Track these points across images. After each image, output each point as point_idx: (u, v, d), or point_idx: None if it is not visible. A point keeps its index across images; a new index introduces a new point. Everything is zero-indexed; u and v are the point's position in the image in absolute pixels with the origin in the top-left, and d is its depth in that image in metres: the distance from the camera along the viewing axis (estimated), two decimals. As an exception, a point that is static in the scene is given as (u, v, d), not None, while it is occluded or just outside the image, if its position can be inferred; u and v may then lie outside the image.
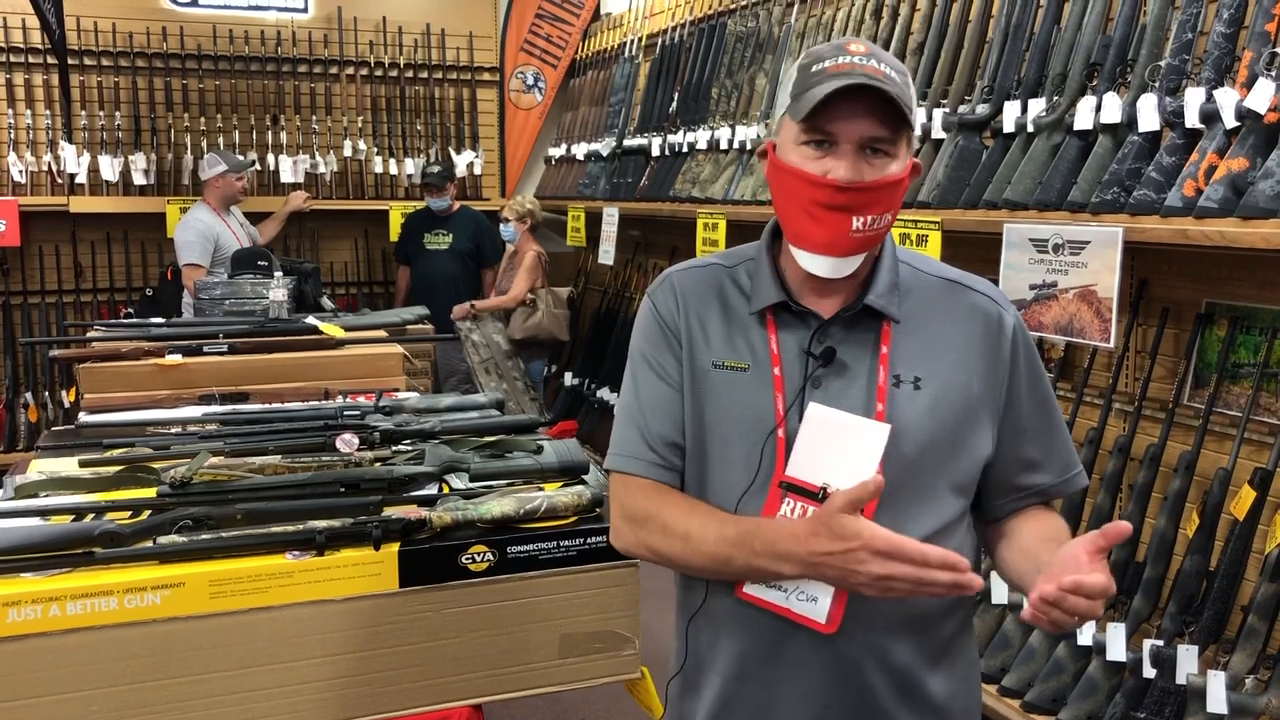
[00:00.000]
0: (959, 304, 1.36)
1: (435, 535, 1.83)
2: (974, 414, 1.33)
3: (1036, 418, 1.39)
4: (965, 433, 1.33)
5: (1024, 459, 1.39)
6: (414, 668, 1.82)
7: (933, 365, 1.33)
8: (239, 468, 2.05)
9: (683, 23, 5.19)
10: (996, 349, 1.35)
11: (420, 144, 6.40)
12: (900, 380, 1.31)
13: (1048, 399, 1.41)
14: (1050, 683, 2.72)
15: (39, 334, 5.68)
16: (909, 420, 1.30)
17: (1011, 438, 1.37)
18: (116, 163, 5.73)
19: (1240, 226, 2.25)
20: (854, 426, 1.27)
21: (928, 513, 1.31)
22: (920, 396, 1.31)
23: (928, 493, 1.32)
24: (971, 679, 1.45)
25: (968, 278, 1.41)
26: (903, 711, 1.36)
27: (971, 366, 1.34)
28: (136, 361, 2.88)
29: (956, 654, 1.41)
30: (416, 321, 3.60)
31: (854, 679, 1.34)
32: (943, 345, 1.33)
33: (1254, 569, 2.46)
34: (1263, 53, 2.30)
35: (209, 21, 5.97)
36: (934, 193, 3.14)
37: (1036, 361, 1.40)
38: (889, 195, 1.27)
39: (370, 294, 6.49)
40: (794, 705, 1.36)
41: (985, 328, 1.35)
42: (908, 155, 1.29)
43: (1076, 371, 3.06)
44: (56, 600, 1.61)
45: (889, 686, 1.35)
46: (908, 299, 1.35)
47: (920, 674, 1.36)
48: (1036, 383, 1.39)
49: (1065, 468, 1.43)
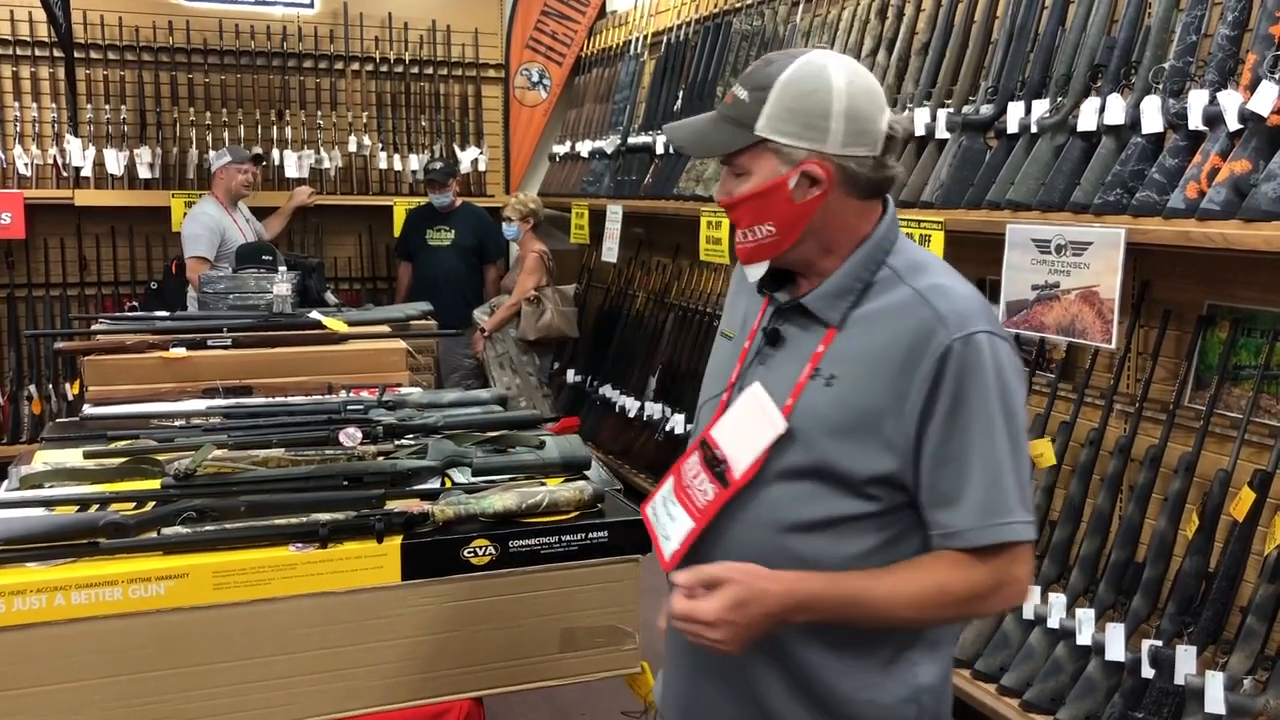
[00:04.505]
0: (907, 318, 1.33)
1: (437, 529, 1.84)
2: (874, 423, 1.31)
3: (949, 448, 1.29)
4: (860, 438, 1.32)
5: (936, 490, 1.31)
6: (415, 660, 1.82)
7: (850, 368, 1.34)
8: (243, 460, 2.06)
9: (688, 21, 5.20)
10: (915, 366, 1.30)
11: (425, 140, 6.41)
12: (818, 374, 1.35)
13: (969, 431, 1.29)
14: (1049, 682, 2.73)
15: (43, 327, 5.69)
16: (808, 412, 1.34)
17: (927, 464, 1.31)
18: (122, 156, 5.74)
19: (1242, 229, 2.26)
20: (765, 412, 1.35)
21: (808, 505, 1.34)
22: (827, 393, 1.34)
23: (813, 487, 1.34)
24: (896, 679, 1.38)
25: (940, 295, 1.33)
26: (799, 709, 1.38)
27: (884, 376, 1.31)
28: (141, 354, 2.89)
29: (870, 651, 1.38)
30: (420, 317, 3.61)
31: (738, 667, 1.39)
32: (868, 351, 1.34)
33: (1253, 570, 2.46)
34: (1266, 55, 2.30)
35: (215, 16, 5.98)
36: (937, 192, 3.15)
37: (971, 392, 1.29)
38: (752, 209, 1.35)
39: (374, 289, 6.50)
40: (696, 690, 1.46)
41: (914, 343, 1.31)
42: (775, 167, 1.33)
43: (1078, 372, 3.06)
44: (61, 590, 1.62)
45: (784, 681, 1.38)
46: (866, 303, 1.36)
47: (813, 666, 1.38)
48: (958, 412, 1.29)
49: (985, 514, 1.29)
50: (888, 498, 1.33)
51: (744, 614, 1.27)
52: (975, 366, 1.29)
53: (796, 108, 1.32)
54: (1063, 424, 2.95)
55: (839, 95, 1.32)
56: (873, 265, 1.37)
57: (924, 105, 3.32)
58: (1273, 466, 2.43)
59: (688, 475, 1.44)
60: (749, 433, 1.36)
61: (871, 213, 1.40)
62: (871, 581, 1.30)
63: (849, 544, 1.34)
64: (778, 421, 1.34)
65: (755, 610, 1.27)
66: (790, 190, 1.33)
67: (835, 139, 1.32)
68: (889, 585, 1.30)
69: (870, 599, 1.30)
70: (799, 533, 1.35)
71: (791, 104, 1.32)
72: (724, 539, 1.38)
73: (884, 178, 1.37)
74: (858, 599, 1.30)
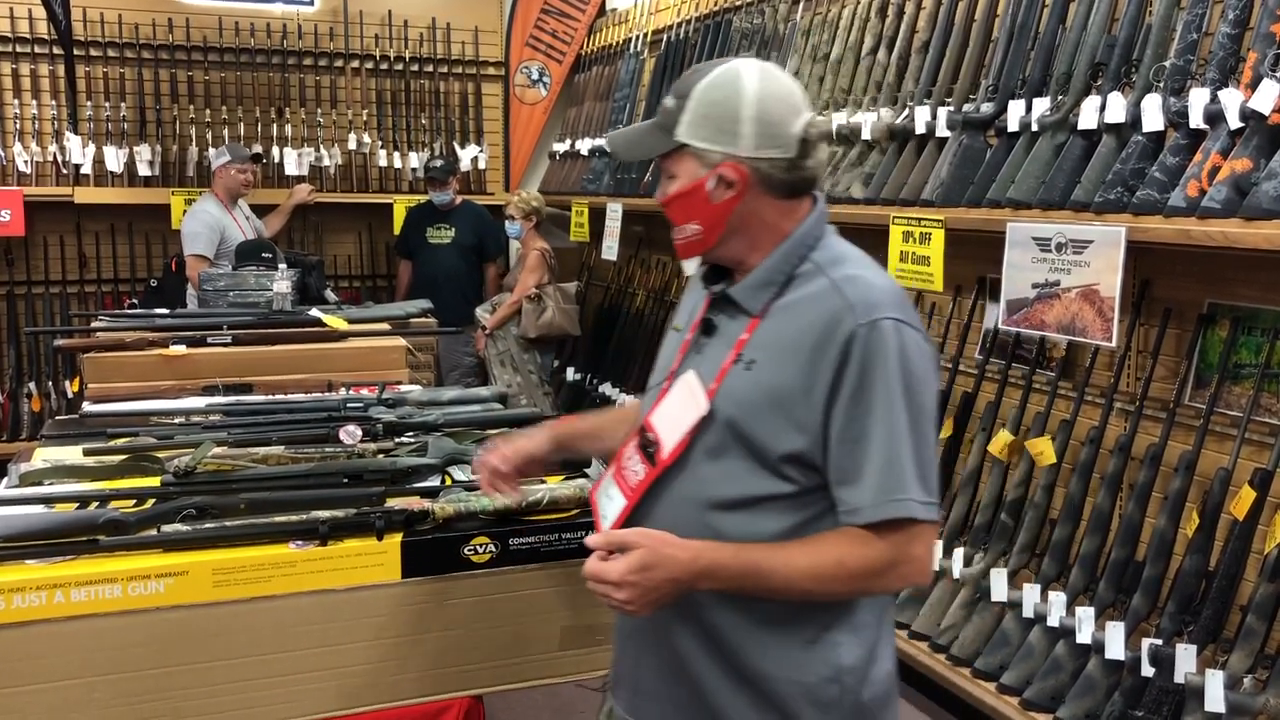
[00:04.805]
0: (821, 306, 1.39)
1: (438, 526, 1.84)
2: (786, 403, 1.38)
3: (852, 429, 1.35)
4: (773, 416, 1.39)
5: (840, 468, 1.37)
6: (415, 658, 1.83)
7: (767, 353, 1.41)
8: (243, 458, 2.06)
9: (688, 19, 5.19)
10: (824, 351, 1.36)
11: (425, 138, 6.40)
12: (740, 360, 1.43)
13: (871, 414, 1.35)
14: (1049, 681, 2.73)
15: (43, 324, 5.68)
16: (729, 395, 1.42)
17: (833, 443, 1.37)
18: (121, 154, 5.73)
19: (1243, 227, 2.26)
20: (694, 395, 1.45)
21: (729, 482, 1.41)
22: (747, 376, 1.41)
23: (733, 464, 1.41)
24: (818, 658, 1.43)
25: (852, 284, 1.40)
26: (726, 684, 1.44)
27: (796, 360, 1.38)
28: (140, 352, 2.89)
29: (793, 630, 1.42)
30: (420, 315, 3.61)
31: (667, 640, 1.47)
32: (784, 337, 1.41)
33: (1253, 569, 2.46)
34: (1267, 54, 2.30)
35: (215, 14, 5.97)
36: (938, 191, 3.14)
37: (874, 376, 1.35)
38: (679, 208, 1.45)
39: (374, 287, 6.49)
40: (638, 665, 1.53)
41: (824, 330, 1.37)
42: (695, 170, 1.42)
43: (1078, 371, 3.06)
44: (61, 587, 1.62)
45: (713, 657, 1.44)
46: (788, 294, 1.44)
47: (737, 641, 1.43)
48: (861, 395, 1.35)
49: (881, 492, 1.34)
50: (803, 478, 1.40)
51: (648, 577, 1.34)
52: (879, 352, 1.35)
53: (711, 114, 1.41)
54: (1063, 422, 2.95)
55: (749, 101, 1.40)
56: (795, 259, 1.45)
57: (924, 103, 3.32)
58: (1273, 465, 2.42)
59: (625, 459, 1.53)
60: (679, 416, 1.45)
61: (795, 211, 1.46)
62: (772, 553, 1.37)
63: (768, 522, 1.40)
64: (703, 403, 1.43)
65: (660, 574, 1.34)
66: (708, 191, 1.42)
67: (747, 142, 1.40)
68: (788, 557, 1.37)
69: (770, 568, 1.36)
70: (721, 510, 1.41)
71: (707, 110, 1.41)
72: (653, 516, 1.45)
73: (800, 178, 1.44)
74: (758, 568, 1.36)
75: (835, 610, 1.43)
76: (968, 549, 3.10)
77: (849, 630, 1.44)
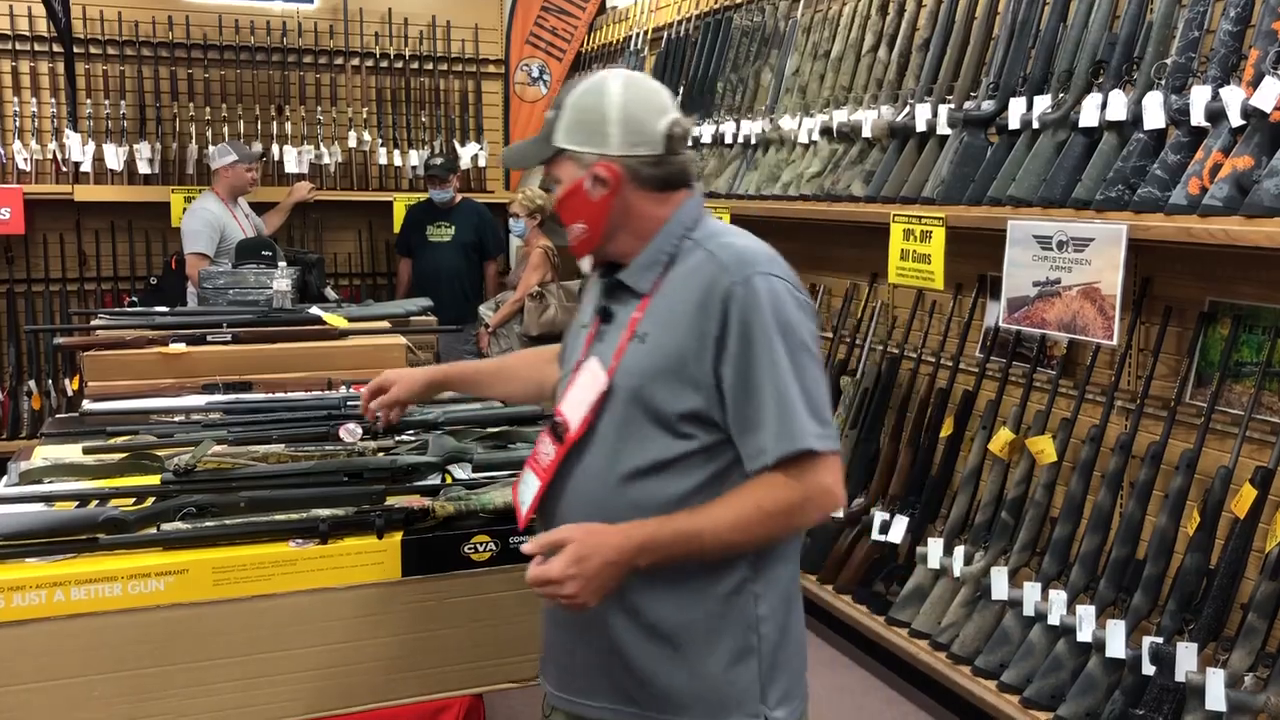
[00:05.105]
0: (701, 272, 1.51)
1: (438, 525, 1.84)
2: (678, 365, 1.49)
3: (743, 380, 1.46)
4: (666, 379, 1.49)
5: (739, 420, 1.47)
6: (416, 656, 1.82)
7: (658, 324, 1.52)
8: (243, 456, 2.06)
9: (688, 17, 5.19)
10: (707, 312, 1.48)
11: (425, 136, 6.40)
12: (635, 336, 1.54)
13: (757, 362, 1.45)
14: (1049, 679, 2.73)
15: (43, 322, 5.68)
16: (627, 369, 1.52)
17: (729, 397, 1.47)
18: (121, 152, 5.73)
19: (1244, 225, 2.26)
20: (595, 375, 1.56)
21: (639, 451, 1.50)
22: (642, 349, 1.52)
23: (633, 433, 1.51)
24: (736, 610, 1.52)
25: (725, 249, 1.53)
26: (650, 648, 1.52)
27: (683, 324, 1.49)
28: (140, 350, 2.89)
29: (709, 588, 1.51)
30: (420, 313, 3.61)
31: (597, 622, 1.53)
32: (672, 307, 1.52)
33: (1254, 567, 2.46)
34: (1269, 51, 2.30)
35: (215, 11, 5.97)
36: (938, 189, 3.14)
37: (753, 327, 1.46)
38: (566, 209, 1.58)
39: (374, 285, 6.49)
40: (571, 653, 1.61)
41: (706, 292, 1.49)
42: (574, 172, 1.55)
43: (1079, 369, 3.06)
44: (61, 586, 1.62)
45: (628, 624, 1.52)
46: (674, 270, 1.55)
47: (657, 607, 1.51)
48: (745, 346, 1.46)
49: (779, 432, 1.45)
50: (704, 435, 1.50)
51: (587, 566, 1.42)
52: (754, 305, 1.47)
53: (582, 119, 1.55)
54: (1064, 421, 2.94)
55: (614, 105, 1.54)
56: (674, 239, 1.56)
57: (925, 101, 3.31)
58: (1274, 463, 2.42)
59: (537, 446, 1.62)
60: (584, 397, 1.56)
61: (671, 202, 1.58)
62: (696, 514, 1.46)
63: (678, 483, 1.49)
64: (601, 379, 1.54)
65: (597, 560, 1.43)
66: (587, 190, 1.55)
67: (615, 142, 1.53)
68: (711, 514, 1.46)
69: (698, 528, 1.45)
70: (634, 479, 1.50)
71: (579, 116, 1.55)
72: (568, 493, 1.55)
73: (670, 172, 1.57)
74: (687, 531, 1.45)
75: (749, 564, 1.52)
76: (968, 547, 3.10)
77: (764, 582, 1.54)
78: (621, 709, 1.56)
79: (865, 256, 3.92)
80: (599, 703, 1.58)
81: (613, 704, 1.57)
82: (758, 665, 1.53)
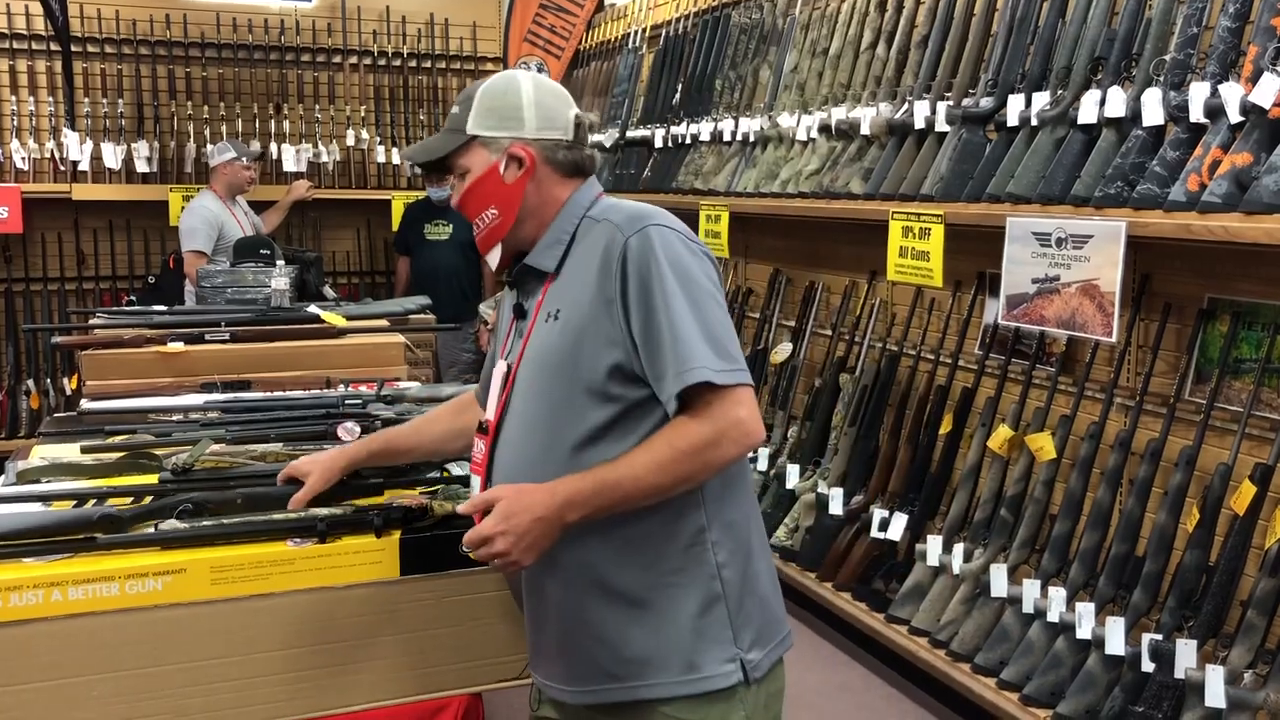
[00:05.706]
0: (599, 240, 1.55)
1: (436, 523, 1.83)
2: (593, 327, 1.52)
3: (648, 328, 1.48)
4: (586, 345, 1.52)
5: (650, 368, 1.49)
6: (414, 656, 1.82)
7: (567, 298, 1.56)
8: (241, 455, 2.05)
9: (687, 14, 5.18)
10: (607, 268, 1.51)
11: (423, 133, 6.40)
12: (548, 316, 1.57)
13: (657, 309, 1.48)
14: (1049, 676, 2.73)
15: (41, 321, 5.68)
16: (543, 347, 1.56)
17: (640, 348, 1.50)
18: (119, 150, 5.72)
19: (1244, 222, 2.25)
20: (499, 367, 1.62)
21: (570, 424, 1.53)
22: (555, 326, 1.56)
23: (568, 406, 1.53)
24: (695, 559, 1.54)
25: (617, 212, 1.57)
26: (614, 611, 1.54)
27: (589, 287, 1.53)
28: (138, 349, 2.88)
29: (667, 538, 1.53)
30: (418, 311, 3.60)
31: (560, 599, 1.57)
32: (577, 279, 1.56)
33: (1253, 564, 2.46)
34: (1268, 47, 2.29)
35: (212, 9, 5.97)
36: (937, 186, 3.14)
37: (650, 276, 1.49)
38: (476, 198, 1.61)
39: (372, 283, 6.49)
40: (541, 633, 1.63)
41: (605, 252, 1.53)
42: (487, 157, 1.59)
43: (1078, 366, 3.06)
44: (58, 585, 1.62)
45: (592, 593, 1.54)
46: (577, 247, 1.60)
47: (617, 570, 1.53)
48: (646, 296, 1.49)
49: (679, 369, 1.46)
50: (631, 391, 1.52)
51: (517, 522, 1.45)
52: (647, 255, 1.50)
53: (495, 105, 1.60)
54: (1063, 418, 2.94)
55: (527, 91, 1.61)
56: (574, 219, 1.61)
57: (924, 98, 3.31)
58: (1273, 460, 2.42)
59: (473, 449, 1.67)
60: (495, 388, 1.63)
61: (571, 186, 1.63)
62: (616, 463, 1.48)
63: (616, 446, 1.51)
64: (502, 366, 1.61)
65: (525, 517, 1.45)
66: (502, 173, 1.59)
67: (530, 125, 1.60)
68: (628, 460, 1.48)
69: (617, 476, 1.47)
70: (574, 453, 1.52)
71: (491, 103, 1.60)
72: (516, 481, 1.53)
73: (580, 157, 1.63)
74: (608, 479, 1.47)
75: (703, 513, 1.54)
76: (968, 544, 3.10)
77: (719, 529, 1.56)
78: (601, 687, 1.57)
79: (864, 254, 3.92)
80: (581, 686, 1.59)
81: (594, 685, 1.57)
82: (725, 610, 1.55)
